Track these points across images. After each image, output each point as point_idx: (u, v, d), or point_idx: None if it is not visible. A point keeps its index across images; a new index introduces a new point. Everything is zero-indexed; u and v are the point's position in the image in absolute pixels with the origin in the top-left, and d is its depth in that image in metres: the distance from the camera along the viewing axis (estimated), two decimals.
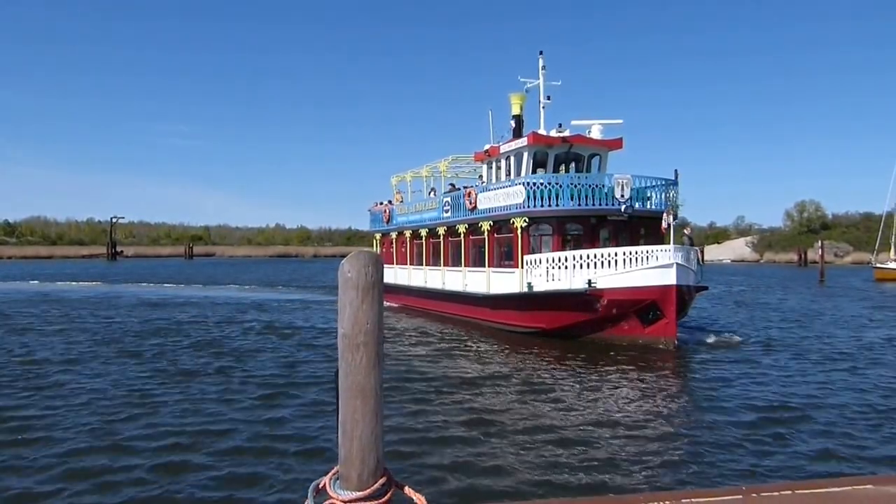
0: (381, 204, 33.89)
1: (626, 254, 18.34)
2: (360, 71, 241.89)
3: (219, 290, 41.70)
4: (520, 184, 20.98)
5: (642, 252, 18.16)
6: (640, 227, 21.11)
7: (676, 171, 21.60)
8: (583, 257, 18.84)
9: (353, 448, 2.51)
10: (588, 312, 18.41)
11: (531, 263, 20.13)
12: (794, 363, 15.62)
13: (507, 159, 23.27)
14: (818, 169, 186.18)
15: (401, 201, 32.38)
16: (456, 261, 25.45)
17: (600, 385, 13.31)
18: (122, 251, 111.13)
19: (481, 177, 25.92)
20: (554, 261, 19.45)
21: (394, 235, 31.64)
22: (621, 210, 20.07)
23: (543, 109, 23.55)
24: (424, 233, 27.87)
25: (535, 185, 20.47)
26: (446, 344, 19.00)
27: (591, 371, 14.79)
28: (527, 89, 24.26)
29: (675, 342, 17.62)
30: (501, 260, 22.45)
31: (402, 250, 30.81)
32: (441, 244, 26.50)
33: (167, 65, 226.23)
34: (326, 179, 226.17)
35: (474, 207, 23.71)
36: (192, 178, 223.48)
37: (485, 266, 23.08)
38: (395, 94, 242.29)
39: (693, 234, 21.74)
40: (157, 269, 72.95)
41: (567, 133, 22.40)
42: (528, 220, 20.64)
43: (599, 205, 20.14)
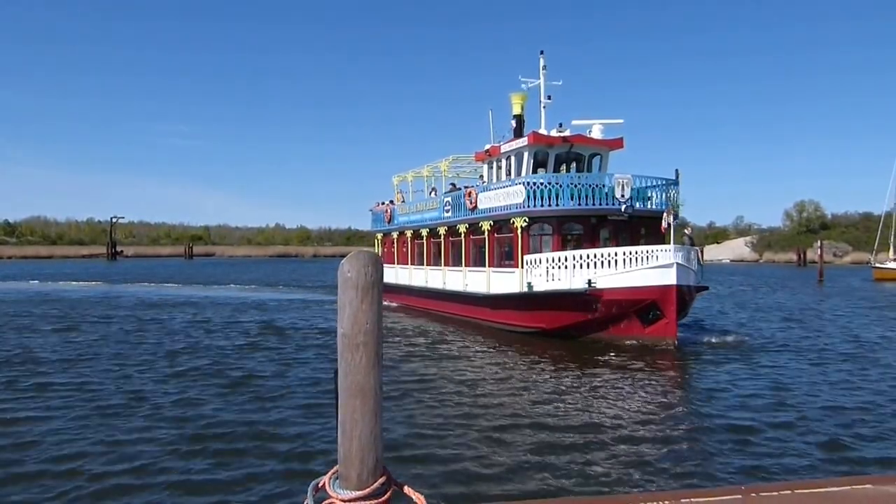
0: (383, 204, 33.91)
1: (626, 254, 18.32)
2: (360, 71, 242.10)
3: (219, 289, 41.71)
4: (520, 183, 20.97)
5: (642, 252, 18.14)
6: (641, 226, 21.09)
7: (677, 171, 21.61)
8: (583, 257, 18.83)
9: (352, 447, 2.52)
10: (588, 312, 18.41)
11: (531, 263, 20.12)
12: (793, 363, 15.62)
13: (508, 159, 23.26)
14: (817, 169, 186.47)
15: (402, 201, 32.41)
16: (456, 261, 25.45)
17: (600, 385, 13.31)
18: (122, 251, 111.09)
19: (482, 176, 25.91)
20: (554, 261, 19.44)
21: (395, 235, 31.65)
22: (622, 210, 20.05)
23: (544, 109, 23.57)
24: (425, 233, 27.88)
25: (536, 184, 20.46)
26: (446, 344, 19.00)
27: (591, 371, 14.79)
28: (528, 88, 24.25)
29: (675, 342, 17.62)
30: (502, 260, 22.45)
31: (404, 250, 30.81)
32: (442, 244, 26.50)
33: (167, 65, 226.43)
34: (326, 179, 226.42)
35: (475, 207, 23.71)
36: (192, 178, 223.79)
37: (485, 266, 23.08)
38: (395, 94, 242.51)
39: (693, 234, 21.73)
40: (157, 268, 72.95)
41: (568, 133, 22.38)
42: (528, 220, 20.63)
43: (600, 204, 20.12)
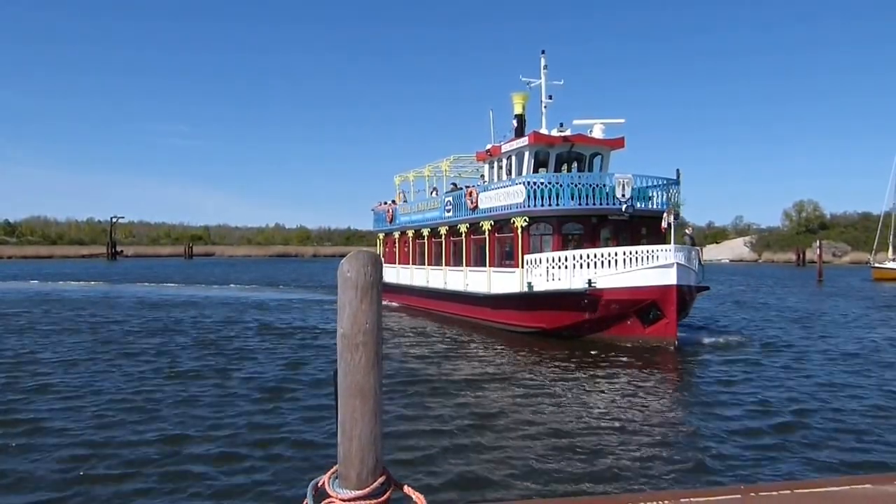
0: (385, 204, 33.92)
1: (626, 254, 18.30)
2: (360, 71, 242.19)
3: (219, 289, 41.71)
4: (520, 183, 20.95)
5: (643, 252, 18.12)
6: (642, 226, 21.06)
7: (678, 171, 21.56)
8: (583, 257, 18.81)
9: (352, 447, 2.51)
10: (588, 312, 18.40)
11: (531, 263, 20.10)
12: (793, 363, 15.61)
13: (509, 159, 23.23)
14: (817, 169, 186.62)
15: (404, 201, 32.40)
16: (457, 260, 25.43)
17: (600, 385, 13.31)
18: (121, 251, 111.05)
19: (483, 176, 25.90)
20: (554, 260, 19.43)
21: (396, 235, 31.64)
22: (622, 210, 20.02)
23: (545, 109, 23.55)
24: (426, 232, 27.87)
25: (536, 184, 20.44)
26: (447, 344, 19.00)
27: (592, 371, 14.78)
28: (529, 88, 24.21)
29: (675, 342, 17.60)
30: (502, 259, 22.43)
31: (405, 250, 30.80)
32: (443, 244, 26.49)
33: (167, 65, 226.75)
34: (326, 179, 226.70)
35: (475, 207, 23.69)
36: (192, 178, 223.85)
37: (486, 266, 23.08)
38: (396, 94, 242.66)
39: (694, 234, 21.72)
40: (156, 268, 72.94)
41: (568, 132, 22.36)
42: (528, 220, 20.61)
43: (600, 204, 20.10)
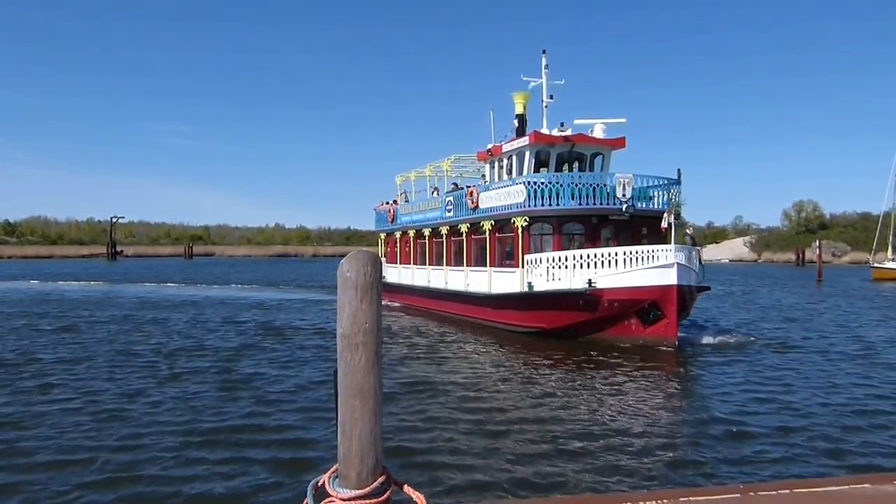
0: (386, 204, 33.92)
1: (626, 253, 18.29)
2: (360, 71, 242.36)
3: (219, 289, 41.71)
4: (520, 183, 20.94)
5: (643, 252, 18.11)
6: (642, 226, 21.05)
7: (679, 171, 21.51)
8: (583, 257, 18.80)
9: (352, 447, 2.52)
10: (588, 312, 18.39)
11: (532, 263, 20.09)
12: (794, 363, 15.60)
13: (510, 158, 23.21)
14: (816, 169, 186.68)
15: (405, 201, 32.39)
16: (458, 260, 25.42)
17: (600, 385, 13.31)
18: (121, 251, 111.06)
19: (484, 176, 25.88)
20: (554, 260, 19.42)
21: (398, 235, 31.64)
22: (622, 209, 20.00)
23: (546, 109, 23.55)
24: (427, 232, 27.86)
25: (536, 184, 20.43)
26: (447, 344, 19.00)
27: (592, 371, 14.78)
28: (530, 88, 24.19)
29: (675, 342, 17.59)
30: (503, 259, 22.41)
31: (406, 250, 30.79)
32: (443, 244, 26.48)
33: (167, 65, 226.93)
34: (326, 179, 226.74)
35: (476, 207, 23.69)
36: (192, 178, 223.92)
37: (486, 266, 23.07)
38: (396, 94, 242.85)
39: (695, 234, 21.70)
40: (156, 268, 72.95)
41: (569, 132, 22.34)
42: (528, 220, 20.60)
43: (601, 204, 20.09)
